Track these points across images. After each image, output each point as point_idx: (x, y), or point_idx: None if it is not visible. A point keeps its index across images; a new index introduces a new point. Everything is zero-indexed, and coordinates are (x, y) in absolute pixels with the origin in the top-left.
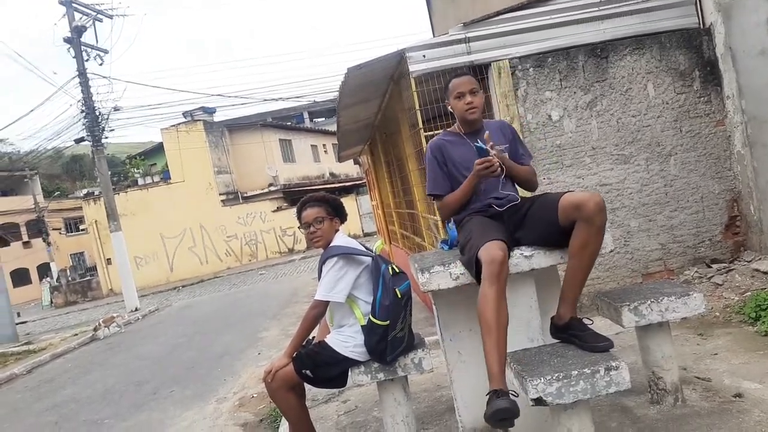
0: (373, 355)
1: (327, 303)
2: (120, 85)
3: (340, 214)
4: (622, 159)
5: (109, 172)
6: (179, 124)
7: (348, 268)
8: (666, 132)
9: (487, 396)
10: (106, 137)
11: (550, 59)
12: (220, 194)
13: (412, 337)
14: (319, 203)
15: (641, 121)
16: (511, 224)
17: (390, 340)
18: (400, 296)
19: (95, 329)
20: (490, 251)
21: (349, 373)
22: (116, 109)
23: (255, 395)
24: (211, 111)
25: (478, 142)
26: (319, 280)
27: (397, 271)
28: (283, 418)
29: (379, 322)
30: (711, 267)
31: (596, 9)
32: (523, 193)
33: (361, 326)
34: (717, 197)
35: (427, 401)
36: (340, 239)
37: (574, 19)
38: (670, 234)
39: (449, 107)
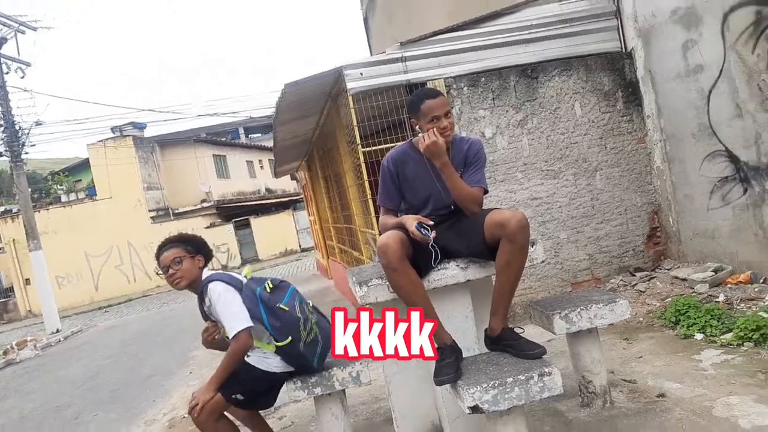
0: (299, 371)
1: (249, 331)
2: (43, 98)
3: (202, 251)
4: (551, 174)
5: (30, 189)
6: (107, 139)
7: (232, 290)
8: (592, 149)
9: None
10: (27, 153)
11: (483, 79)
12: (149, 210)
13: (326, 322)
14: (175, 244)
15: (569, 138)
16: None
17: (303, 350)
18: (287, 309)
19: (5, 353)
20: (381, 242)
21: (285, 388)
22: (38, 123)
23: (186, 416)
24: (141, 126)
25: (424, 230)
26: (206, 319)
27: (272, 286)
28: None
29: (282, 344)
30: (635, 275)
31: (527, 32)
32: None
33: (273, 352)
34: (639, 209)
35: (365, 414)
36: (206, 274)
37: (506, 41)
38: (596, 245)
39: (416, 126)
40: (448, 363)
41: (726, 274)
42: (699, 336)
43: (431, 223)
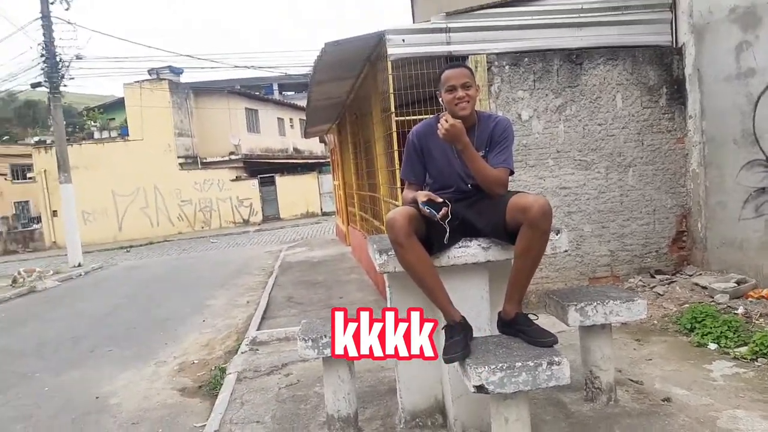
0: None
1: None
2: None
3: None
4: (583, 165)
5: (65, 122)
6: (144, 81)
7: None
8: (628, 143)
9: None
10: (65, 85)
11: (526, 59)
12: (178, 157)
13: None
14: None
15: (606, 131)
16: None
17: None
18: None
19: (14, 281)
20: (389, 218)
21: (298, 346)
22: (78, 57)
23: (196, 361)
24: (178, 71)
25: (428, 208)
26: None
27: None
28: (223, 385)
29: None
30: (655, 277)
31: (576, 15)
32: None
33: None
34: (668, 211)
35: (370, 381)
36: None
37: (554, 23)
38: (620, 242)
39: (440, 98)
40: (457, 341)
41: (749, 286)
42: (713, 346)
43: (440, 200)
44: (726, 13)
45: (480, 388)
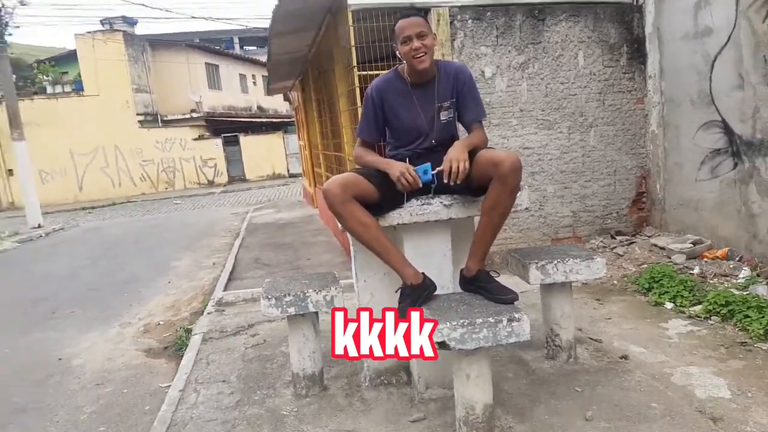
0: None
1: None
2: None
3: None
4: (546, 125)
5: (14, 76)
6: (96, 31)
7: None
8: (590, 103)
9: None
10: (10, 34)
11: (489, 13)
12: (137, 114)
13: None
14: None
15: (568, 89)
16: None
17: None
18: None
19: None
20: (323, 189)
21: (261, 305)
22: (22, 3)
23: (161, 322)
24: (132, 22)
25: (428, 173)
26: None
27: None
28: (188, 346)
29: None
30: (615, 238)
31: None
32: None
33: None
34: (628, 172)
35: None
36: None
37: None
38: (582, 203)
39: (398, 52)
40: (403, 308)
41: (704, 247)
42: (669, 305)
43: (419, 180)
44: None
45: (442, 345)
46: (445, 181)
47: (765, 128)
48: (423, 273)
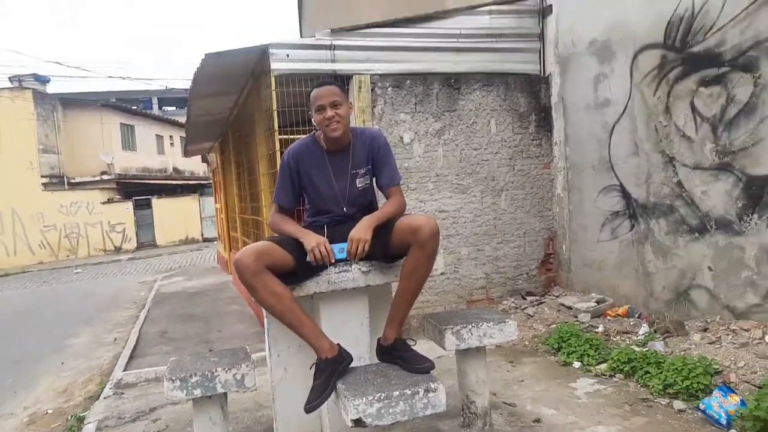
0: None
1: None
2: None
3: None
4: (461, 189)
5: None
6: (3, 89)
7: None
8: (501, 168)
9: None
10: None
11: (408, 82)
12: (42, 176)
13: None
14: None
15: (481, 155)
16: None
17: None
18: None
19: None
20: (235, 259)
21: (164, 387)
22: None
23: (50, 411)
24: (44, 80)
25: (343, 251)
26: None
27: None
28: None
29: None
30: (526, 299)
31: (455, 40)
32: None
33: None
34: (537, 234)
35: (246, 421)
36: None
37: (435, 46)
38: (494, 265)
39: (312, 119)
40: (317, 385)
41: (607, 305)
42: (577, 364)
43: (333, 254)
44: (586, 46)
45: (358, 422)
46: (348, 259)
47: (657, 192)
48: (338, 344)
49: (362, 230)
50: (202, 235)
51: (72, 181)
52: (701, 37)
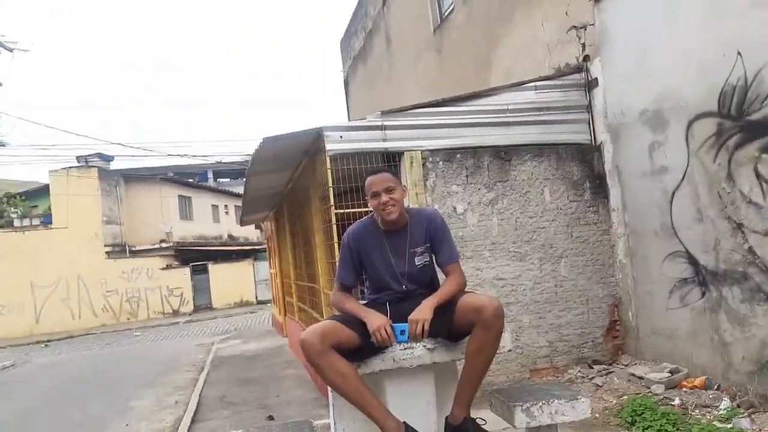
0: None
1: None
2: (9, 119)
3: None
4: (518, 256)
5: None
6: (71, 167)
7: None
8: (558, 235)
9: None
10: None
11: (458, 155)
12: (105, 245)
13: None
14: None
15: (537, 223)
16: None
17: None
18: None
19: None
20: (301, 339)
21: None
22: (1, 144)
23: None
24: (108, 159)
25: (404, 334)
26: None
27: None
28: None
29: None
30: (593, 368)
31: (503, 115)
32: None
33: None
34: (600, 301)
35: None
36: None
37: (482, 122)
38: (557, 332)
39: (369, 204)
40: None
41: (682, 376)
42: None
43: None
44: (637, 116)
45: None
46: (410, 341)
47: (728, 259)
48: (405, 422)
49: (422, 311)
50: (256, 297)
51: (133, 249)
52: (758, 105)
